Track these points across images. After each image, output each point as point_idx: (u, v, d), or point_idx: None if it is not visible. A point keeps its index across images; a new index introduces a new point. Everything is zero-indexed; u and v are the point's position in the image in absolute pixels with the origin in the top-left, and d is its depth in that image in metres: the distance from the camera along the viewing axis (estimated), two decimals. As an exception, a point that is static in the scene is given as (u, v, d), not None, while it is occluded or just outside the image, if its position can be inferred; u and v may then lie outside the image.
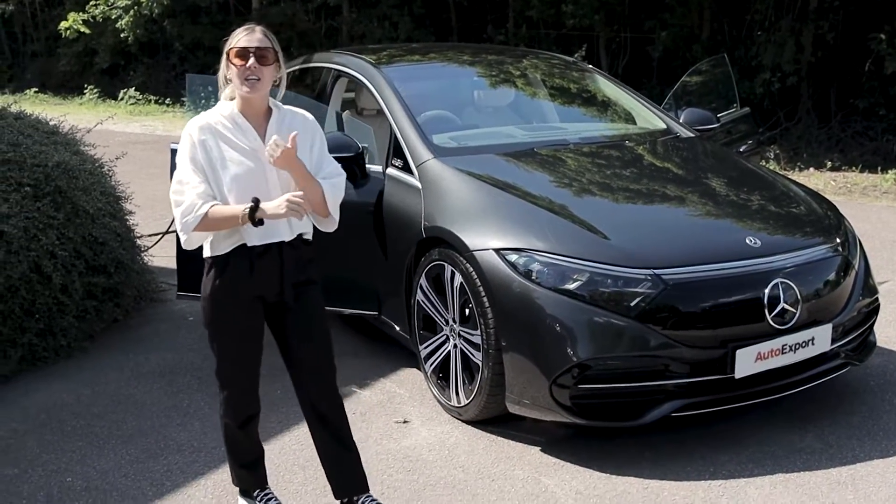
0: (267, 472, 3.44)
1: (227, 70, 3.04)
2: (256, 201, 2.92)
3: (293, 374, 3.24)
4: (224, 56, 3.04)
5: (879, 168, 10.22)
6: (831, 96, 11.56)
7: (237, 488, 3.43)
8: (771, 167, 10.54)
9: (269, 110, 3.10)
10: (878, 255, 6.68)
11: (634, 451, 3.79)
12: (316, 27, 16.28)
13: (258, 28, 3.06)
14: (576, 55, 12.38)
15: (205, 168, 3.00)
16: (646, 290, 3.63)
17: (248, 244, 3.03)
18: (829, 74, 11.58)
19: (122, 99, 17.89)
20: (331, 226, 3.18)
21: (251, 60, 2.98)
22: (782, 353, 3.73)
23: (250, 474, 3.37)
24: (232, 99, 3.09)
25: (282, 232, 3.06)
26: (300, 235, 3.13)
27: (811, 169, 10.50)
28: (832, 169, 10.42)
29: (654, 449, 3.81)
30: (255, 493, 3.38)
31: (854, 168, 10.36)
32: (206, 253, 3.13)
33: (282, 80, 3.12)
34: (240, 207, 2.93)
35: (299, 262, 3.12)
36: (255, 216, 2.90)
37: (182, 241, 3.07)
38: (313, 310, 3.18)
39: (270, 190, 3.02)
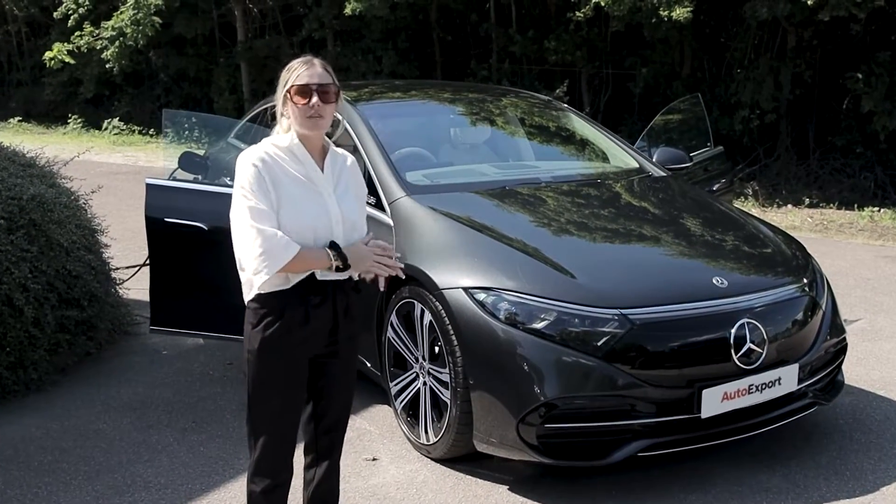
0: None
1: (285, 106, 2.85)
2: (336, 246, 2.80)
3: (305, 422, 3.09)
4: (281, 91, 2.84)
5: (856, 205, 10.34)
6: (810, 134, 11.71)
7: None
8: (749, 203, 10.65)
9: (324, 148, 2.95)
10: (853, 293, 6.74)
11: (601, 491, 3.79)
12: (301, 60, 16.37)
13: (317, 61, 2.87)
14: (558, 90, 12.52)
15: (271, 195, 2.78)
16: (613, 330, 3.65)
17: (317, 277, 2.83)
18: (808, 112, 11.74)
19: (106, 129, 17.93)
20: None
21: (314, 98, 2.80)
22: (749, 393, 3.75)
23: None
24: (287, 132, 2.91)
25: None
26: (352, 278, 2.94)
27: (789, 206, 10.61)
28: (810, 206, 10.53)
29: (622, 488, 3.81)
30: None
31: (831, 205, 10.48)
32: (251, 295, 2.87)
33: (341, 121, 2.95)
34: (323, 252, 2.78)
35: (350, 311, 2.95)
36: (344, 262, 2.77)
37: (257, 281, 2.77)
38: (348, 367, 3.06)
39: (333, 225, 2.86)
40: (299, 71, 2.85)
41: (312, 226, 2.83)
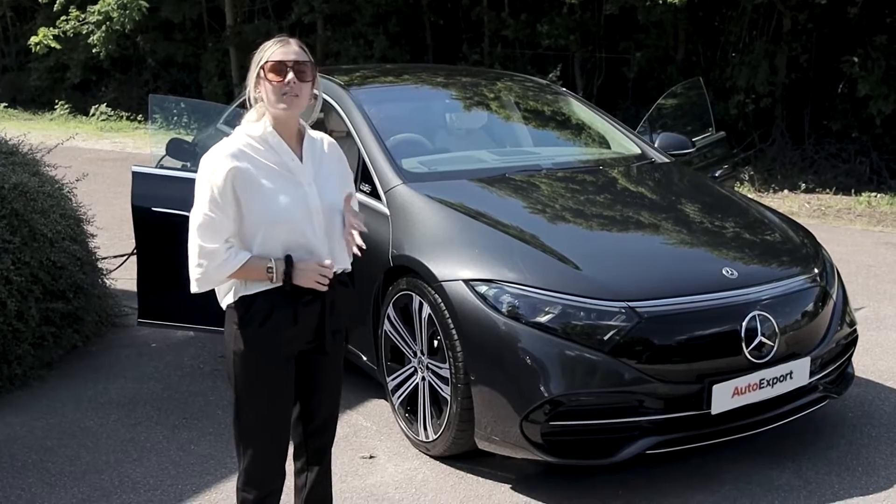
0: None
1: (258, 88, 2.72)
2: (289, 261, 2.67)
3: (293, 425, 2.95)
4: (254, 72, 2.72)
5: (853, 190, 10.23)
6: (805, 118, 11.57)
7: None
8: (745, 188, 10.52)
9: (300, 133, 2.81)
10: (854, 280, 6.62)
11: (607, 490, 3.67)
12: (290, 45, 16.14)
13: (293, 40, 2.75)
14: (551, 75, 12.34)
15: (233, 204, 2.66)
16: (619, 324, 3.51)
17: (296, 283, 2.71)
18: (803, 96, 11.61)
19: (93, 115, 17.65)
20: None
21: (290, 76, 2.67)
22: (760, 388, 3.62)
23: None
24: (259, 120, 2.77)
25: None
26: (338, 273, 2.82)
27: (785, 191, 10.49)
28: (806, 191, 10.42)
29: (628, 487, 3.68)
30: None
31: (828, 190, 10.37)
32: (231, 299, 2.77)
33: (317, 101, 2.83)
34: (267, 263, 2.67)
35: (335, 306, 2.81)
36: (291, 277, 2.66)
37: (194, 287, 2.73)
38: (335, 363, 2.93)
39: (312, 215, 2.72)
40: (273, 49, 2.72)
41: (289, 219, 2.70)
